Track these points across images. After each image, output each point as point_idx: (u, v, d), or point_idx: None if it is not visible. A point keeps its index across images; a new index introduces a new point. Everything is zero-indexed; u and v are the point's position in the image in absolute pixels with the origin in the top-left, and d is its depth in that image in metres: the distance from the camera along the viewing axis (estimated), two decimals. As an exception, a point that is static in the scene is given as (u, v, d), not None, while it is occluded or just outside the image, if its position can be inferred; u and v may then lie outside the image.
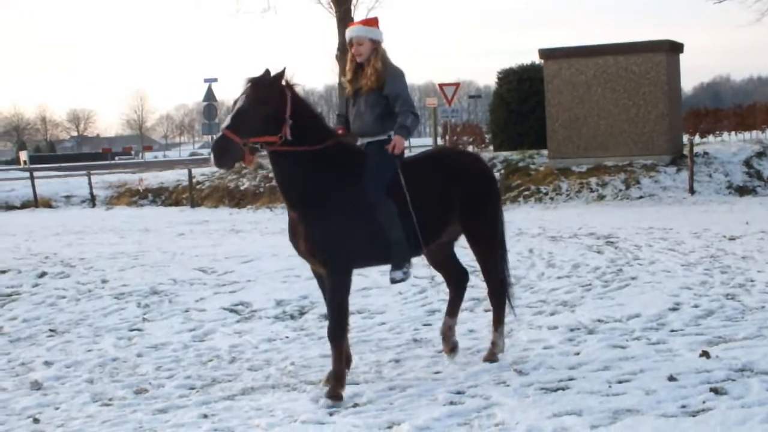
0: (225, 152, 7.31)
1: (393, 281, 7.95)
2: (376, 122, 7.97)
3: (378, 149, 7.91)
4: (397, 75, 8.06)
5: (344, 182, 7.67)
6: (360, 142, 8.08)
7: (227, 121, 7.35)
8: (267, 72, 7.51)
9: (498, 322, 8.63)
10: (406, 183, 7.81)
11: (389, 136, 7.95)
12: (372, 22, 8.24)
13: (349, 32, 8.13)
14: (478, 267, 8.80)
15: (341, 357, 7.65)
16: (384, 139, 7.95)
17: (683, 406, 6.81)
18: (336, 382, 7.51)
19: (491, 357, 8.47)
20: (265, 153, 7.66)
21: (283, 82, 7.55)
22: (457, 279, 8.77)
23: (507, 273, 8.89)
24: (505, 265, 8.84)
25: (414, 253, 8.03)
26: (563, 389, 7.46)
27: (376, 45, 8.03)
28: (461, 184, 8.22)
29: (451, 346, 8.62)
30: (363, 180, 7.71)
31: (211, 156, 7.35)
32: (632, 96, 28.31)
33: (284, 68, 7.54)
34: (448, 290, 8.90)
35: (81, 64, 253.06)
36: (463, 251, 8.88)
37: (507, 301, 8.78)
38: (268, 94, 7.42)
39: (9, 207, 35.65)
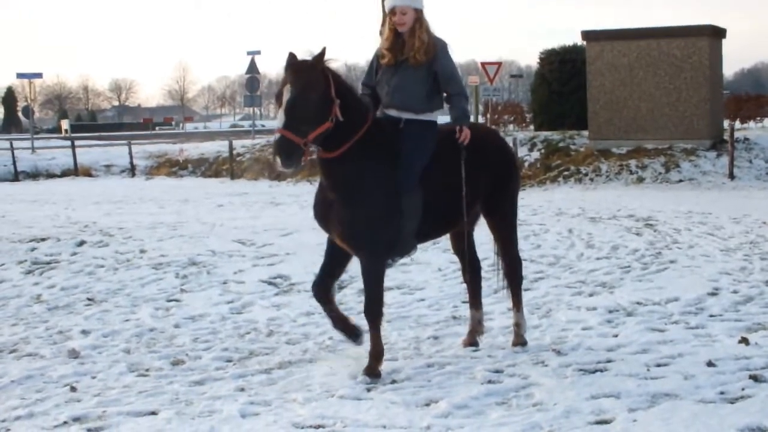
0: (290, 154, 6.94)
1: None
2: (425, 99, 7.65)
3: (421, 130, 7.62)
4: (445, 49, 7.70)
5: (383, 166, 7.41)
6: (396, 115, 7.69)
7: (281, 118, 6.97)
8: (291, 55, 7.17)
9: (517, 302, 8.47)
10: (438, 163, 7.59)
11: (434, 119, 7.73)
12: None
13: (392, 0, 7.64)
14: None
15: (379, 335, 7.53)
16: (427, 120, 7.67)
17: (722, 393, 6.75)
18: (375, 360, 7.44)
19: (519, 340, 8.34)
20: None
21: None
22: (473, 269, 8.52)
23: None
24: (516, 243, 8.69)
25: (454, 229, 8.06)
26: (601, 371, 7.42)
27: (419, 14, 7.61)
28: (488, 164, 7.98)
29: (472, 340, 8.40)
30: (399, 165, 7.43)
31: (277, 159, 6.98)
32: (674, 80, 28.07)
33: (324, 48, 7.18)
34: (464, 280, 8.69)
35: (124, 34, 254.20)
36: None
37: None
38: (314, 77, 7.05)
39: (50, 175, 35.93)
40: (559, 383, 7.09)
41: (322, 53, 7.16)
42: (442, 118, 7.81)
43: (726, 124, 30.67)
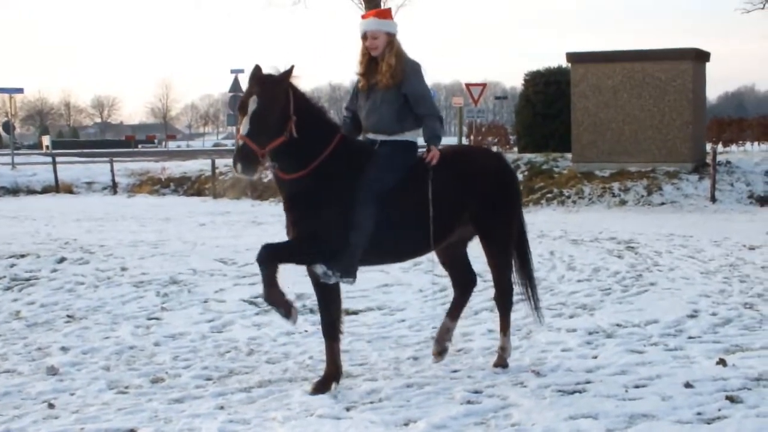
0: (250, 162, 7.08)
1: (312, 271, 7.63)
2: (394, 120, 7.72)
3: (392, 151, 7.69)
4: (415, 71, 7.77)
5: (342, 185, 7.43)
6: (372, 137, 7.82)
7: (245, 126, 7.12)
8: (258, 68, 7.31)
9: (505, 326, 8.42)
10: (417, 182, 7.63)
11: (410, 139, 7.81)
12: (386, 14, 7.96)
13: (363, 25, 7.79)
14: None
15: (273, 277, 7.54)
16: (400, 141, 7.75)
17: (699, 413, 6.79)
18: (279, 304, 7.57)
19: (501, 362, 8.31)
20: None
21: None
22: (463, 283, 8.56)
23: (531, 275, 8.73)
24: (529, 267, 8.70)
25: (421, 252, 8.02)
26: (580, 392, 7.44)
27: (391, 38, 7.73)
28: (474, 183, 7.95)
29: (440, 349, 8.37)
30: (363, 178, 7.47)
31: (238, 166, 7.08)
32: (657, 103, 28.21)
33: (292, 66, 7.34)
34: (454, 291, 8.68)
35: (107, 50, 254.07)
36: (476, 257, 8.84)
37: (531, 304, 8.69)
38: (279, 92, 7.22)
39: (30, 191, 35.76)
40: (537, 404, 7.11)
41: (290, 70, 7.32)
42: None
43: (708, 147, 30.82)
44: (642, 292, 12.03)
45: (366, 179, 7.47)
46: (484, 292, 11.95)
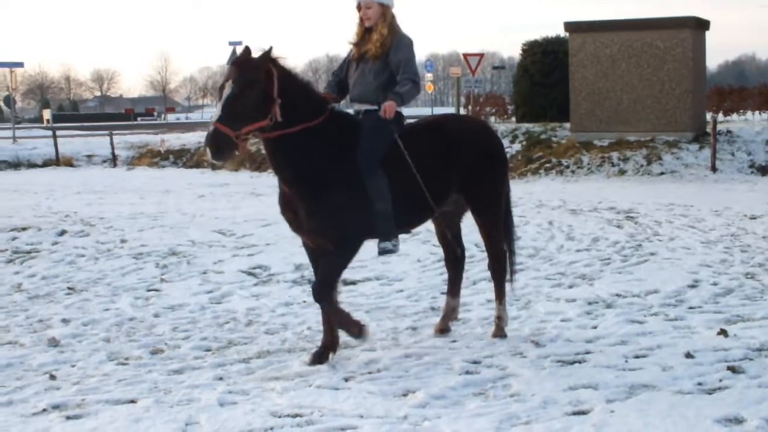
0: (220, 147, 6.97)
1: (381, 252, 7.65)
2: (378, 90, 7.72)
3: (374, 119, 7.64)
4: (404, 43, 7.78)
5: (340, 156, 7.45)
6: (357, 108, 7.85)
7: (217, 111, 7.04)
8: (247, 50, 7.19)
9: (501, 295, 8.45)
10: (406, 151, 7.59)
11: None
12: None
13: None
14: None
15: (337, 307, 7.61)
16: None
17: (699, 384, 6.79)
18: (350, 327, 7.56)
19: (499, 332, 8.33)
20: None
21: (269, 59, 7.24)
22: (455, 257, 8.61)
23: (513, 242, 8.75)
24: (512, 234, 8.73)
25: (401, 230, 7.85)
26: (580, 362, 7.45)
27: (384, 9, 7.76)
28: (461, 152, 7.96)
29: (443, 327, 8.47)
30: (357, 150, 7.48)
31: (207, 152, 7.00)
32: (656, 72, 28.08)
33: (271, 47, 7.23)
34: (446, 267, 8.76)
35: (106, 23, 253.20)
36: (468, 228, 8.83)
37: (507, 271, 8.59)
38: (256, 75, 7.09)
39: (31, 165, 35.72)
40: (536, 374, 7.11)
41: (268, 53, 7.21)
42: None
43: (709, 116, 30.73)
44: (642, 262, 12.02)
45: (362, 149, 7.48)
46: (482, 262, 11.96)
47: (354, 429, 6.04)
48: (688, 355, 7.47)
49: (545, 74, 36.20)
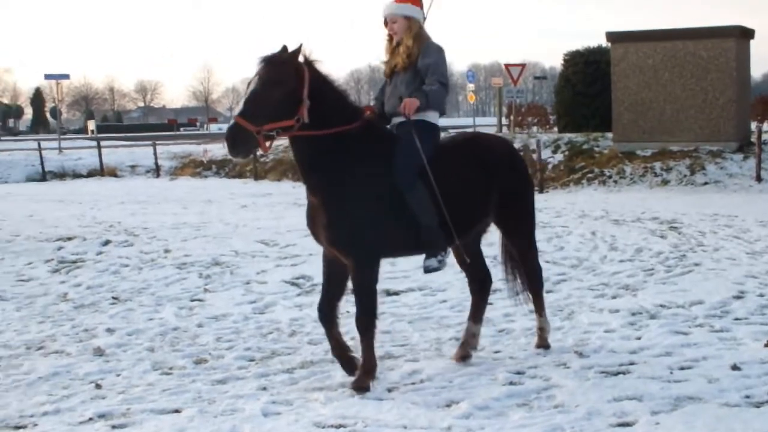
0: (238, 141, 6.84)
1: (426, 270, 7.43)
2: None
3: (409, 129, 7.35)
4: (432, 48, 7.55)
5: (370, 165, 7.21)
6: (393, 122, 7.62)
7: (240, 106, 6.95)
8: (284, 49, 7.03)
9: (540, 307, 8.38)
10: (437, 170, 7.28)
11: (429, 120, 7.53)
12: None
13: (384, 10, 7.67)
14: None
15: (372, 348, 7.27)
16: (418, 121, 7.42)
17: (747, 396, 6.71)
18: (365, 374, 7.20)
19: (543, 342, 8.27)
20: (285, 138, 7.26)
21: (301, 59, 7.06)
22: (481, 280, 8.29)
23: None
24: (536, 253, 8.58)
25: (448, 243, 7.58)
26: (624, 373, 7.39)
27: (410, 22, 7.56)
28: (499, 175, 7.79)
29: (464, 354, 7.98)
30: (393, 163, 7.23)
31: (227, 146, 6.87)
32: (700, 81, 27.88)
33: (301, 44, 7.04)
34: (470, 291, 8.41)
35: (149, 35, 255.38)
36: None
37: (518, 289, 8.50)
38: (283, 73, 6.93)
39: (76, 175, 36.12)
40: (580, 385, 7.07)
41: (298, 49, 7.03)
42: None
43: (753, 126, 30.46)
44: (686, 272, 11.91)
45: (398, 161, 7.25)
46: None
47: (398, 439, 6.04)
48: (735, 368, 7.38)
49: (587, 84, 36.13)
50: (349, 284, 7.46)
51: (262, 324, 9.62)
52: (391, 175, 7.22)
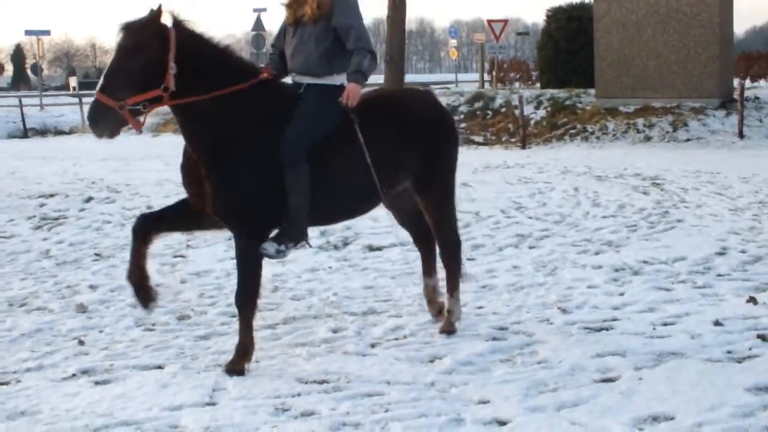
0: (100, 119, 6.23)
1: (263, 254, 6.61)
2: (322, 60, 6.77)
3: (319, 96, 6.73)
4: (347, 2, 6.80)
5: (262, 130, 6.51)
6: (297, 80, 6.90)
7: (100, 81, 6.25)
8: (152, 11, 6.30)
9: (453, 287, 7.59)
10: (337, 142, 6.66)
11: (341, 83, 6.81)
12: None
13: None
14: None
15: (249, 328, 6.69)
16: (329, 85, 6.80)
17: (729, 352, 6.74)
18: (241, 355, 6.63)
19: (449, 327, 7.42)
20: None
21: (169, 21, 6.35)
22: (425, 237, 7.72)
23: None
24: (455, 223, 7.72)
25: (372, 206, 7.11)
26: (607, 329, 7.42)
27: None
28: (418, 135, 7.07)
29: (438, 308, 7.67)
30: (286, 133, 6.49)
31: (89, 125, 6.32)
32: (682, 37, 27.82)
33: (159, 6, 6.30)
34: (416, 246, 8.00)
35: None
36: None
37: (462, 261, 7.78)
38: (142, 39, 6.22)
39: (58, 132, 35.93)
40: (564, 341, 7.09)
41: (158, 11, 6.32)
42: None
43: (736, 82, 30.46)
44: (669, 229, 11.94)
45: (292, 132, 6.52)
46: (507, 228, 11.99)
47: (381, 395, 6.05)
48: (717, 323, 7.42)
49: (570, 40, 36.06)
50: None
51: (245, 280, 9.58)
52: (280, 145, 6.49)
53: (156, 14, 6.30)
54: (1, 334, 7.77)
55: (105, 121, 6.27)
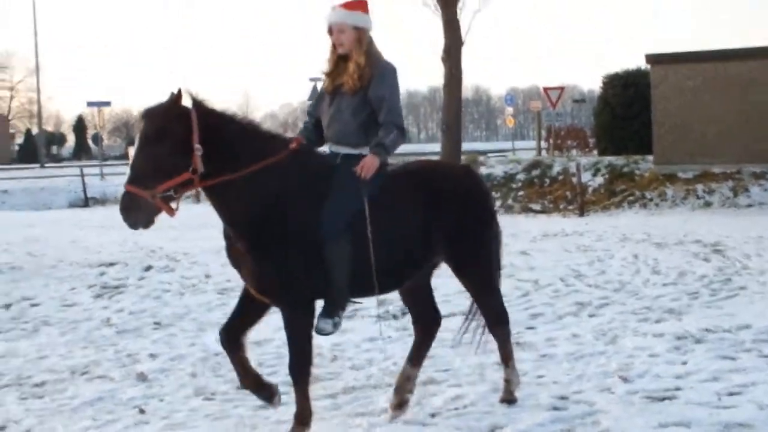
0: (133, 211, 6.21)
1: (319, 332, 6.70)
2: (359, 131, 6.71)
3: (351, 171, 6.57)
4: (387, 74, 6.73)
5: (299, 204, 6.42)
6: (334, 149, 6.84)
7: (128, 172, 6.20)
8: (172, 96, 6.25)
9: (507, 357, 7.42)
10: (374, 211, 6.51)
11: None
12: (356, 5, 6.78)
13: (329, 16, 6.79)
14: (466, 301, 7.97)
15: (306, 397, 6.70)
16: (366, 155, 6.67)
17: (798, 423, 6.60)
18: (300, 424, 6.64)
19: (509, 396, 7.34)
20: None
21: (188, 103, 6.28)
22: (426, 323, 7.50)
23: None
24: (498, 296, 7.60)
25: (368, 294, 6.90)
26: (670, 399, 7.31)
27: (360, 34, 6.71)
28: (444, 210, 6.89)
29: (400, 401, 7.18)
30: (325, 205, 6.45)
31: (123, 218, 6.30)
32: (741, 103, 27.68)
33: (179, 89, 6.25)
34: (414, 330, 7.66)
35: (189, 62, 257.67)
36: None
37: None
38: (164, 124, 6.14)
39: (118, 201, 36.36)
40: (626, 410, 6.99)
41: (177, 95, 6.25)
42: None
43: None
44: (732, 296, 11.77)
45: (331, 205, 6.47)
46: (568, 296, 11.90)
47: (442, 466, 6.00)
48: (785, 393, 7.28)
49: (626, 107, 35.97)
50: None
51: (303, 349, 9.58)
52: (320, 218, 6.42)
53: (176, 98, 6.24)
54: (64, 402, 7.84)
55: (138, 212, 6.24)
